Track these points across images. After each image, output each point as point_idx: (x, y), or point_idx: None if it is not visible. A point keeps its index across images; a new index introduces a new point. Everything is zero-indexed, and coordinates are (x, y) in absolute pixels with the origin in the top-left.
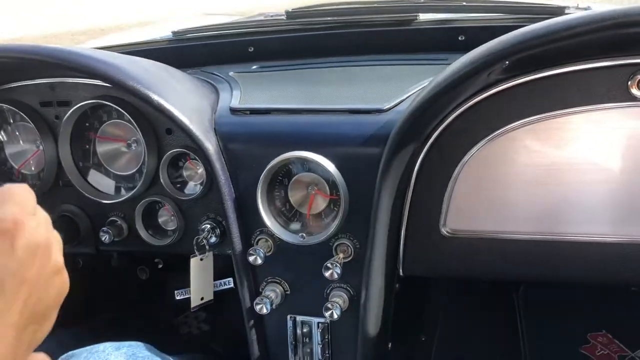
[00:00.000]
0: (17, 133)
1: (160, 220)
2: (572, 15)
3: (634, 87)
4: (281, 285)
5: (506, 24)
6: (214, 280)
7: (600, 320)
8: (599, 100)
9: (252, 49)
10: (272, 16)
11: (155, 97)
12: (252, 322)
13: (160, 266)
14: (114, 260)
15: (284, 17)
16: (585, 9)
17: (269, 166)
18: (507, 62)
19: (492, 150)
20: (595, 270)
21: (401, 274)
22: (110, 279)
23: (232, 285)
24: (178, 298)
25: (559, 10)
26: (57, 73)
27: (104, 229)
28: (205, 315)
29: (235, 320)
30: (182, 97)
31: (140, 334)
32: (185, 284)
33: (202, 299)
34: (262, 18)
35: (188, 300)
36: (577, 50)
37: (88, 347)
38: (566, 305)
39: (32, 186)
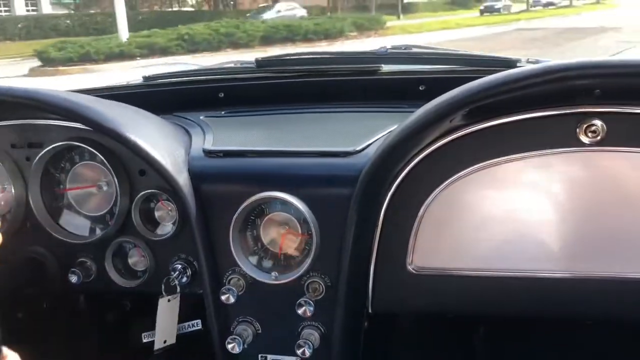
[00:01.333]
0: None
1: (130, 260)
2: (527, 67)
3: (581, 134)
4: (252, 325)
5: (463, 75)
6: (182, 322)
7: None
8: (551, 145)
9: (223, 94)
10: (242, 64)
11: (132, 138)
12: None
13: (127, 308)
14: (81, 302)
15: (253, 65)
16: (534, 62)
17: (242, 206)
18: (467, 110)
19: (453, 192)
20: (551, 304)
21: (370, 311)
22: (76, 321)
23: (200, 327)
24: (145, 341)
25: (511, 63)
26: (29, 115)
27: (73, 269)
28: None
29: None
30: (156, 139)
31: None
32: (151, 327)
33: (165, 342)
34: (232, 65)
35: (148, 344)
36: (531, 100)
37: None
38: (524, 346)
39: None
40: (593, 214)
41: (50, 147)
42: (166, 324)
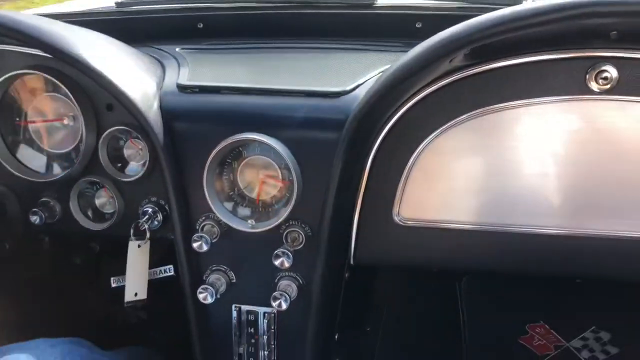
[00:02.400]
0: None
1: (97, 202)
2: (535, 3)
3: (591, 81)
4: (226, 274)
5: (463, 13)
6: (153, 267)
7: (538, 311)
8: (555, 92)
9: (202, 25)
10: None
11: (97, 68)
12: (194, 311)
13: (96, 251)
14: (45, 244)
15: None
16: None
17: (217, 148)
18: (470, 49)
19: (447, 140)
20: (542, 263)
21: (352, 262)
22: (41, 264)
23: (172, 272)
24: (114, 285)
25: (515, 0)
26: None
27: (35, 210)
28: (143, 303)
29: (176, 308)
30: (125, 70)
31: (75, 325)
32: (121, 271)
33: (135, 294)
34: None
35: (116, 290)
36: (538, 40)
37: (20, 344)
38: (507, 297)
39: None
40: (594, 169)
41: (8, 75)
42: (136, 274)
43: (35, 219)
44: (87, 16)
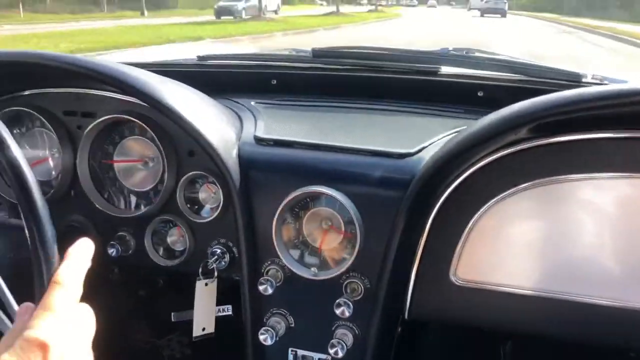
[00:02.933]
0: (34, 139)
1: (169, 239)
2: (603, 87)
3: None
4: (286, 318)
5: (525, 85)
6: None
7: None
8: (617, 169)
9: (275, 81)
10: (297, 52)
11: (186, 117)
12: (252, 352)
13: (160, 285)
14: (115, 274)
15: (309, 55)
16: (600, 79)
17: (288, 197)
18: (535, 124)
19: (507, 206)
20: (594, 333)
21: (406, 317)
22: (108, 293)
23: (230, 312)
24: (174, 320)
25: (577, 77)
26: (85, 84)
27: (112, 242)
28: (189, 340)
29: (220, 349)
30: (209, 120)
31: (123, 351)
32: (182, 306)
33: (203, 329)
34: (287, 53)
35: (174, 323)
36: (602, 119)
37: None
38: None
39: (43, 193)
40: None
41: (103, 118)
42: (204, 310)
43: (112, 251)
44: (172, 67)
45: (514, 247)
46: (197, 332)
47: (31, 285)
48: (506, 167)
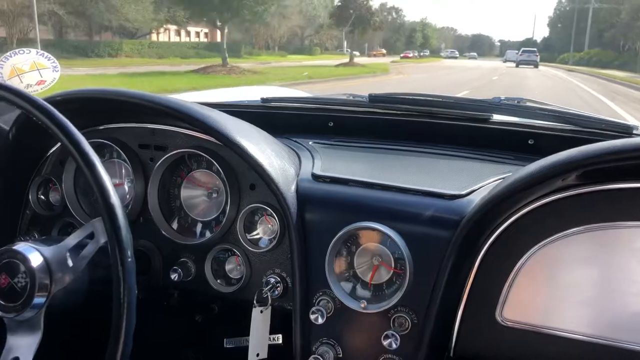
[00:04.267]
0: (110, 169)
1: (227, 267)
2: None
3: None
4: (334, 348)
5: (575, 135)
6: None
7: None
8: None
9: (332, 123)
10: (354, 97)
11: (252, 153)
12: None
13: (215, 312)
14: (174, 299)
15: (366, 100)
16: None
17: (341, 232)
18: (583, 171)
19: (554, 249)
20: None
21: (451, 354)
22: (166, 317)
23: (280, 341)
24: (227, 346)
25: (627, 129)
26: (160, 120)
27: (175, 267)
28: None
29: None
30: (271, 157)
31: None
32: (234, 333)
33: (257, 355)
34: (345, 97)
35: (225, 351)
36: None
37: None
38: None
39: None
40: None
41: (174, 152)
42: (259, 336)
43: (174, 276)
44: (238, 107)
45: (562, 291)
46: (252, 357)
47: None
48: (555, 212)
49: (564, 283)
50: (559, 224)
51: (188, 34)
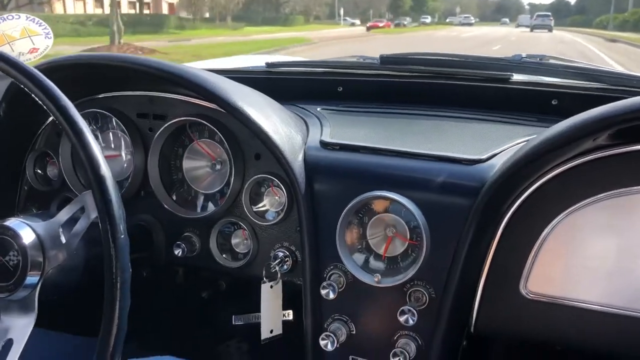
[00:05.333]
0: (108, 140)
1: (233, 241)
2: None
3: None
4: (347, 324)
5: (603, 94)
6: None
7: None
8: None
9: (341, 88)
10: (364, 59)
11: (256, 119)
12: (311, 358)
13: (222, 288)
14: (179, 276)
15: (377, 62)
16: None
17: (353, 202)
18: (617, 129)
19: (583, 217)
20: None
21: (471, 330)
22: (172, 294)
23: (290, 317)
24: (235, 323)
25: None
26: (157, 87)
27: (178, 243)
28: (248, 347)
29: (280, 355)
30: (277, 124)
31: (186, 353)
32: (242, 310)
33: (271, 331)
34: (354, 60)
35: (234, 328)
36: None
37: (151, 358)
38: None
39: None
40: None
41: (173, 120)
42: (271, 312)
43: (178, 251)
44: (242, 74)
45: (591, 261)
46: (265, 334)
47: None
48: (583, 176)
49: (593, 252)
50: (588, 189)
51: (100, 4)
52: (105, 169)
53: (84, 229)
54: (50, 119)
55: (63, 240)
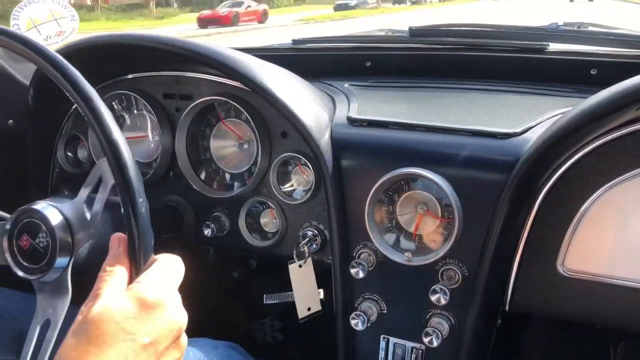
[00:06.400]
0: (136, 121)
1: (262, 221)
2: None
3: None
4: (378, 304)
5: None
6: None
7: None
8: None
9: (370, 63)
10: (393, 32)
11: (281, 97)
12: (343, 336)
13: (253, 267)
14: (210, 256)
15: (406, 35)
16: None
17: (381, 180)
18: None
19: (623, 192)
20: None
21: (507, 309)
22: (203, 274)
23: (321, 296)
24: (266, 302)
25: None
26: (183, 67)
27: (208, 223)
28: (281, 325)
29: (311, 333)
30: (303, 102)
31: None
32: (273, 289)
33: (309, 309)
34: (382, 34)
35: (266, 306)
36: None
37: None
38: None
39: (143, 174)
40: None
41: (200, 100)
42: (305, 290)
43: (207, 231)
44: (268, 51)
45: (630, 238)
46: (302, 313)
47: None
48: (622, 150)
49: (633, 229)
50: (629, 163)
51: None
52: (118, 134)
53: (103, 198)
54: None
55: (88, 216)
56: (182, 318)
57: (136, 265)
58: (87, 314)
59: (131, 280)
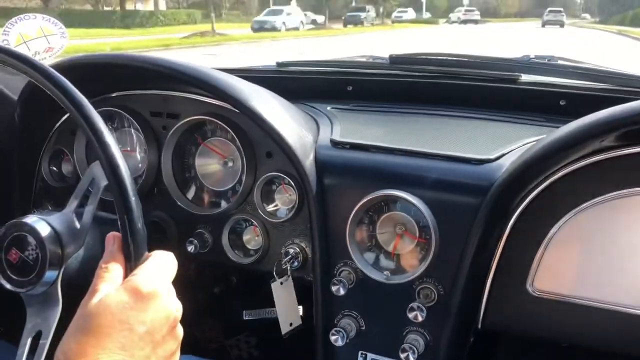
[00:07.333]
0: (122, 138)
1: (244, 238)
2: None
3: None
4: (357, 320)
5: (611, 95)
6: None
7: None
8: None
9: (351, 87)
10: (374, 59)
11: (267, 118)
12: (322, 352)
13: (233, 283)
14: (192, 271)
15: (386, 61)
16: None
17: (363, 200)
18: (625, 131)
19: (590, 216)
20: None
21: (479, 327)
22: (184, 289)
23: (300, 313)
24: (245, 318)
25: None
26: (171, 86)
27: (191, 239)
28: (257, 341)
29: (289, 350)
30: (288, 123)
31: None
32: (253, 306)
33: (290, 324)
34: (364, 60)
35: (244, 322)
36: None
37: None
38: None
39: None
40: None
41: (187, 119)
42: (287, 306)
43: (191, 247)
44: (253, 73)
45: (597, 260)
46: (285, 329)
47: None
48: (590, 176)
49: (599, 251)
50: (595, 189)
51: None
52: (108, 136)
53: (94, 207)
54: (67, 115)
55: (77, 225)
56: (177, 308)
57: (131, 261)
58: (86, 307)
59: (126, 275)
